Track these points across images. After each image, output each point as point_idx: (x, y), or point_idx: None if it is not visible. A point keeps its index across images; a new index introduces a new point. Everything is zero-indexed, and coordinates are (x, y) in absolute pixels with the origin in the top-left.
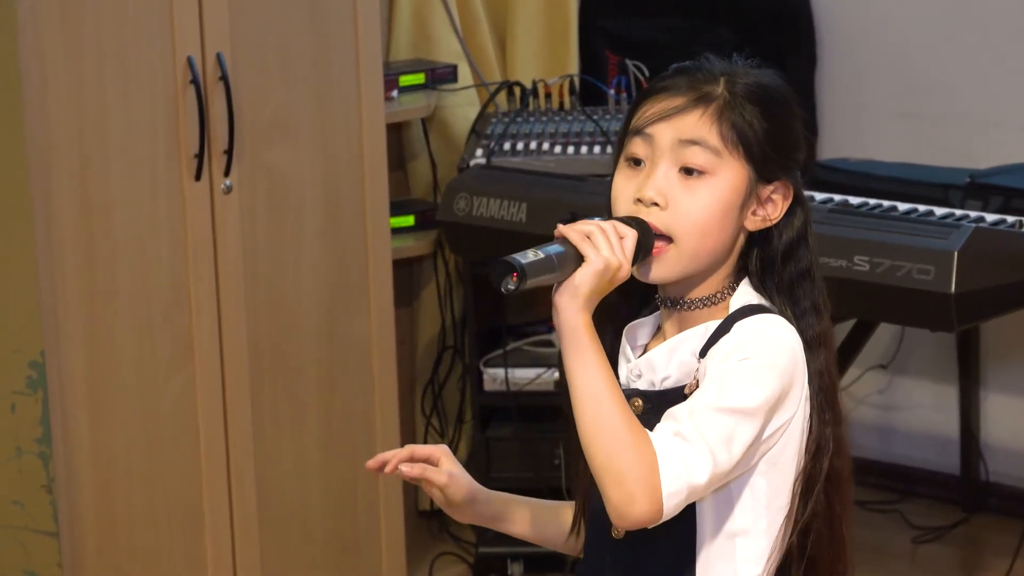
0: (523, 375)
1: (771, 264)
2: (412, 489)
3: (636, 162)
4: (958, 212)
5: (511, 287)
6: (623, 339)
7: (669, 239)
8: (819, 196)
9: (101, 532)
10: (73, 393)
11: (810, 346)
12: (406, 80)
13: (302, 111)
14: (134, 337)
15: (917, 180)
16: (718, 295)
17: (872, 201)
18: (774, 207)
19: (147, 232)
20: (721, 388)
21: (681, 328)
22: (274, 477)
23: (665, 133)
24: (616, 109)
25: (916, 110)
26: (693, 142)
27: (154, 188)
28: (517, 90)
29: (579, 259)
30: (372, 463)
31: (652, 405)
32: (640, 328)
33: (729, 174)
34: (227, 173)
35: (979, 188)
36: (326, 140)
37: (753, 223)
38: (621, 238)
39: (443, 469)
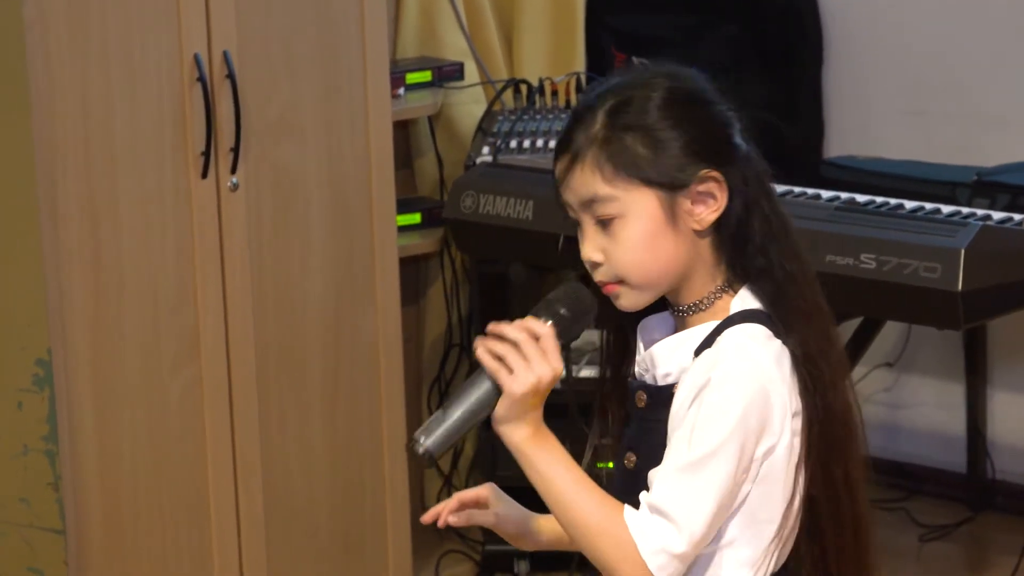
0: None
1: (728, 255)
2: (418, 487)
3: (577, 221)
4: (965, 210)
5: (426, 464)
6: (639, 332)
7: (620, 280)
8: (826, 194)
9: (107, 530)
10: (79, 391)
11: (782, 320)
12: (413, 78)
13: (309, 109)
14: (140, 335)
15: (924, 178)
16: (706, 300)
17: (879, 199)
18: (713, 200)
19: (153, 230)
20: (689, 439)
21: (685, 327)
22: (280, 475)
23: (570, 198)
24: None
25: (923, 108)
26: (590, 200)
27: (161, 186)
28: (524, 88)
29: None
30: (427, 517)
31: (652, 400)
32: (655, 322)
33: (637, 206)
34: (234, 171)
35: (986, 186)
36: (332, 138)
37: (701, 223)
38: (536, 339)
39: (490, 511)
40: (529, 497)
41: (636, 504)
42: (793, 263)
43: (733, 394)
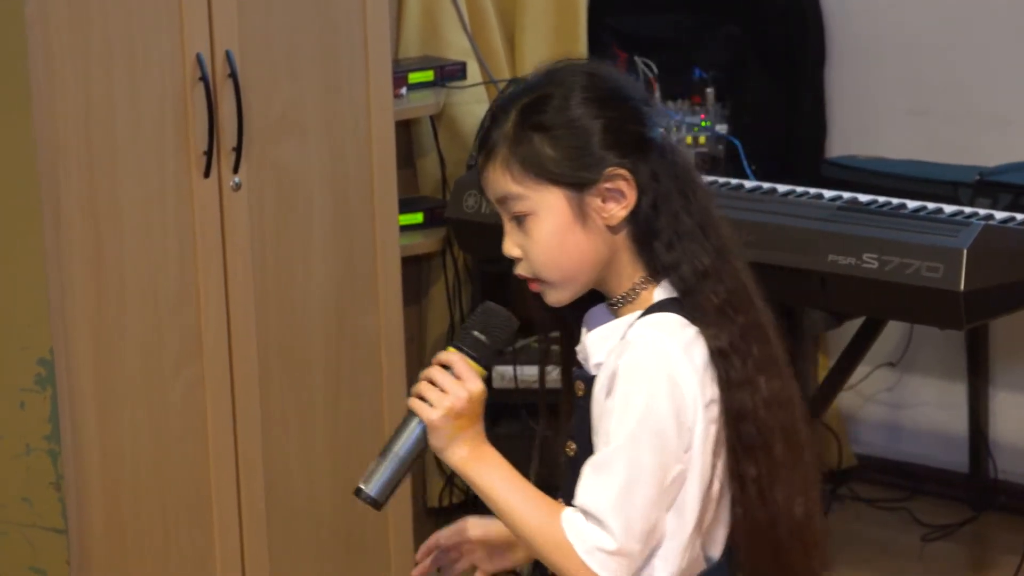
0: (532, 372)
1: (643, 245)
2: (420, 485)
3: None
4: (967, 210)
5: (378, 508)
6: (583, 324)
7: (539, 278)
8: (828, 193)
9: (109, 529)
10: (82, 390)
11: (697, 312)
12: (415, 77)
13: (311, 108)
14: (142, 334)
15: (926, 178)
16: (632, 292)
17: (881, 199)
18: (622, 196)
19: (156, 229)
20: (607, 434)
21: (618, 318)
22: (282, 474)
23: (489, 194)
24: None
25: (925, 107)
26: (504, 198)
27: (163, 185)
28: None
29: None
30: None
31: (588, 389)
32: (595, 314)
33: (546, 204)
34: (236, 170)
35: (988, 186)
36: (335, 138)
37: (612, 219)
38: (447, 368)
39: (475, 542)
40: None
41: None
42: (705, 258)
43: (638, 384)
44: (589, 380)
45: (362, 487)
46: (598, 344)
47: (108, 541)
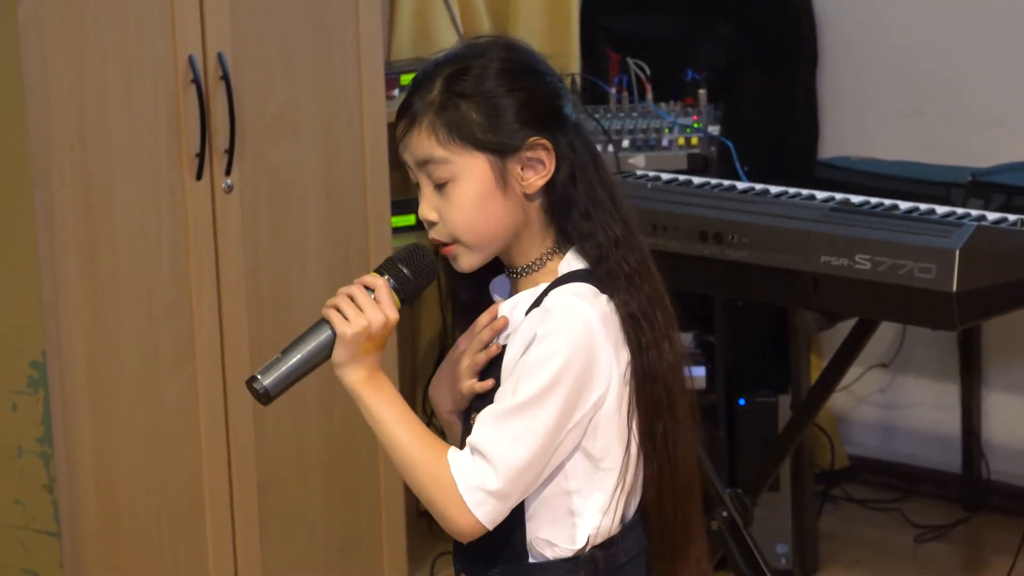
0: None
1: (553, 218)
2: None
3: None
4: (960, 210)
5: (263, 402)
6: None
7: (455, 240)
8: (820, 195)
9: (102, 532)
10: (74, 393)
11: (605, 280)
12: (407, 79)
13: (303, 110)
14: (135, 336)
15: (919, 178)
16: (538, 261)
17: (874, 199)
18: (542, 166)
19: (149, 231)
20: (514, 387)
21: (518, 289)
22: (275, 477)
23: (407, 158)
24: (618, 108)
25: (918, 109)
26: (425, 161)
27: (156, 187)
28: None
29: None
30: None
31: (491, 361)
32: (500, 284)
33: (468, 169)
34: (228, 172)
35: (981, 186)
36: (328, 139)
37: (529, 187)
38: (372, 290)
39: None
40: None
41: None
42: (617, 228)
43: (558, 347)
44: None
45: (258, 376)
46: (507, 314)
47: (101, 544)
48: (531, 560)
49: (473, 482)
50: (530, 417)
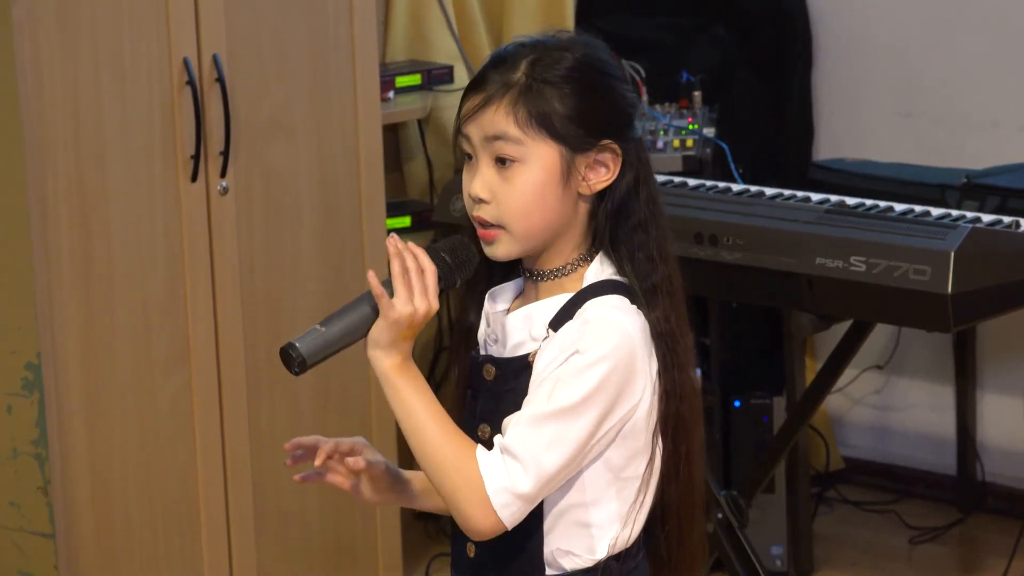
0: None
1: (608, 223)
2: None
3: (469, 157)
4: (955, 212)
5: (296, 370)
6: (486, 302)
7: (502, 226)
8: (815, 196)
9: (97, 534)
10: (69, 395)
11: (648, 295)
12: (402, 81)
13: (298, 113)
14: (130, 339)
15: (914, 180)
16: (568, 266)
17: (869, 201)
18: (605, 170)
19: (143, 234)
20: (550, 392)
21: (538, 297)
22: (270, 478)
23: (475, 131)
24: None
25: (913, 110)
26: (496, 137)
27: (150, 190)
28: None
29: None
30: (290, 463)
31: (502, 372)
32: (502, 293)
33: (538, 157)
34: (223, 175)
35: (976, 188)
36: (322, 142)
37: (586, 189)
38: (422, 272)
39: (360, 457)
40: None
41: None
42: (664, 245)
43: (601, 358)
44: (500, 363)
45: (296, 344)
46: (519, 326)
47: (96, 545)
48: (548, 572)
49: (502, 483)
50: (566, 424)
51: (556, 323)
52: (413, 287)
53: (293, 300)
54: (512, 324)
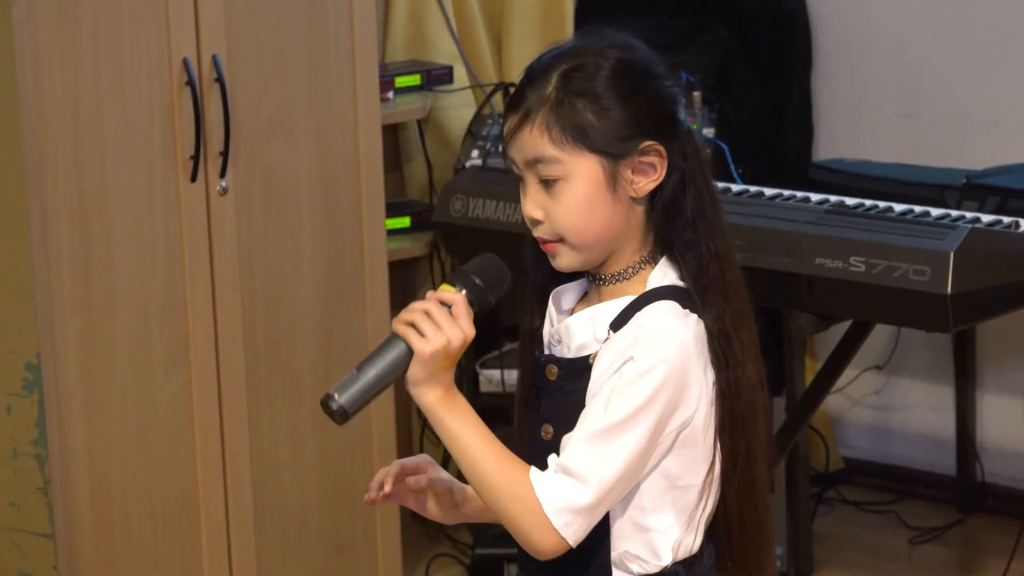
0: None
1: (659, 224)
2: None
3: (520, 177)
4: (954, 213)
5: (339, 420)
6: (550, 303)
7: (560, 239)
8: (815, 197)
9: (97, 534)
10: (69, 395)
11: (701, 294)
12: (402, 81)
13: (298, 113)
14: (130, 339)
15: (913, 181)
16: (630, 269)
17: (868, 202)
18: (653, 171)
19: (143, 234)
20: (605, 404)
21: (601, 299)
22: (270, 479)
23: (516, 155)
24: None
25: (912, 111)
26: (536, 160)
27: (150, 190)
28: (513, 91)
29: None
30: (369, 499)
31: (564, 372)
32: (565, 293)
33: (580, 171)
34: (223, 175)
35: (975, 189)
36: (322, 142)
37: (638, 191)
38: (449, 306)
39: (424, 475)
40: None
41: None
42: (719, 241)
43: (654, 369)
44: (563, 363)
45: (334, 395)
46: (583, 327)
47: (96, 546)
48: (616, 575)
49: (560, 503)
50: (622, 436)
51: (616, 325)
52: (440, 320)
53: (293, 300)
54: (576, 325)
